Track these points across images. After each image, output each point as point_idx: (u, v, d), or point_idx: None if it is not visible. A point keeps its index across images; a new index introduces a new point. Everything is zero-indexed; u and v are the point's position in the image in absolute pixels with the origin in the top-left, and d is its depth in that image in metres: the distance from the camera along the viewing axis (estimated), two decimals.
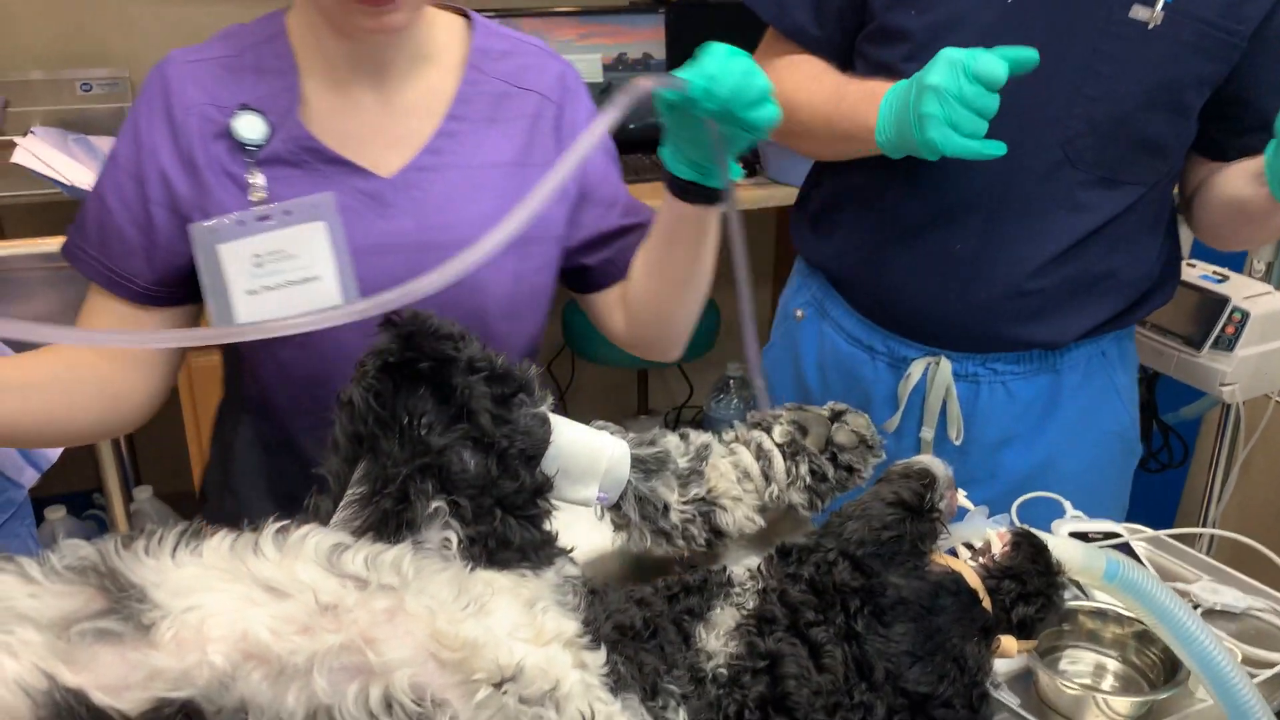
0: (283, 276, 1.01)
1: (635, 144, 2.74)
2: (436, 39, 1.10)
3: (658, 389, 3.26)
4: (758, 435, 0.93)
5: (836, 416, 0.95)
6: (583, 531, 0.86)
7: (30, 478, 1.85)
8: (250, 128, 1.02)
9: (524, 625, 0.65)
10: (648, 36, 2.72)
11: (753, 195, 2.59)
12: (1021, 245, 1.26)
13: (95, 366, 1.05)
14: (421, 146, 1.07)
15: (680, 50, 2.74)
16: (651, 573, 1.01)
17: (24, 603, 0.54)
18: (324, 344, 1.00)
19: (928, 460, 0.85)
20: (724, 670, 0.71)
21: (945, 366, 1.34)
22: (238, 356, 1.13)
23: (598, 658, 0.66)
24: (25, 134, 2.27)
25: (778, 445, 0.92)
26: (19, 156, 2.10)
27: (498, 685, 0.60)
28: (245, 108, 1.02)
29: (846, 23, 1.32)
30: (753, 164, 2.66)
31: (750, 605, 0.75)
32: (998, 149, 1.10)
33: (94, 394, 1.05)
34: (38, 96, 2.53)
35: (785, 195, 2.59)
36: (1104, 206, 1.25)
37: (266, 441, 1.13)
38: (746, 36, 3.00)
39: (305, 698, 0.55)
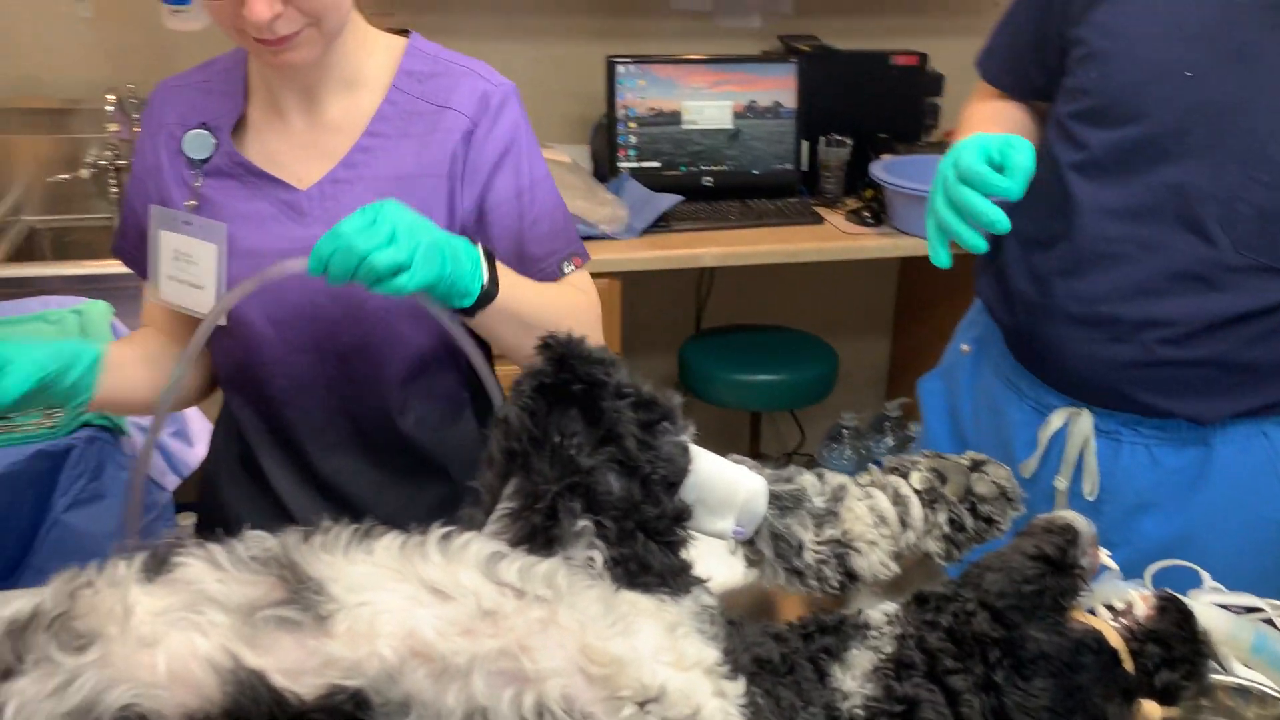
0: (184, 275, 1.18)
1: (758, 189, 2.77)
2: (367, 64, 1.20)
3: (769, 433, 3.25)
4: (895, 480, 0.93)
5: (976, 466, 0.94)
6: (711, 566, 0.87)
7: (172, 482, 1.95)
8: (196, 144, 1.19)
9: (666, 649, 0.66)
10: (779, 85, 2.75)
11: (876, 244, 2.58)
12: (1169, 317, 1.22)
13: (169, 348, 1.26)
14: (338, 160, 1.18)
15: (810, 98, 2.76)
16: (773, 613, 1.01)
17: (213, 587, 0.57)
18: (247, 337, 1.21)
19: (1070, 515, 0.84)
20: (860, 711, 0.71)
21: (1085, 419, 1.31)
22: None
23: (736, 687, 0.67)
24: None
25: (916, 492, 0.92)
26: None
27: (641, 704, 0.62)
28: (201, 126, 1.19)
29: (1049, 66, 1.35)
30: (877, 213, 2.65)
31: (887, 650, 0.75)
32: (939, 260, 1.15)
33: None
34: None
35: (911, 245, 2.57)
36: (1266, 292, 1.19)
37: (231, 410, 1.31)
38: (871, 87, 3.02)
39: (464, 698, 0.57)
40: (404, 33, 1.25)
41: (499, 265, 1.09)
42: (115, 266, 2.35)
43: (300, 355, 1.20)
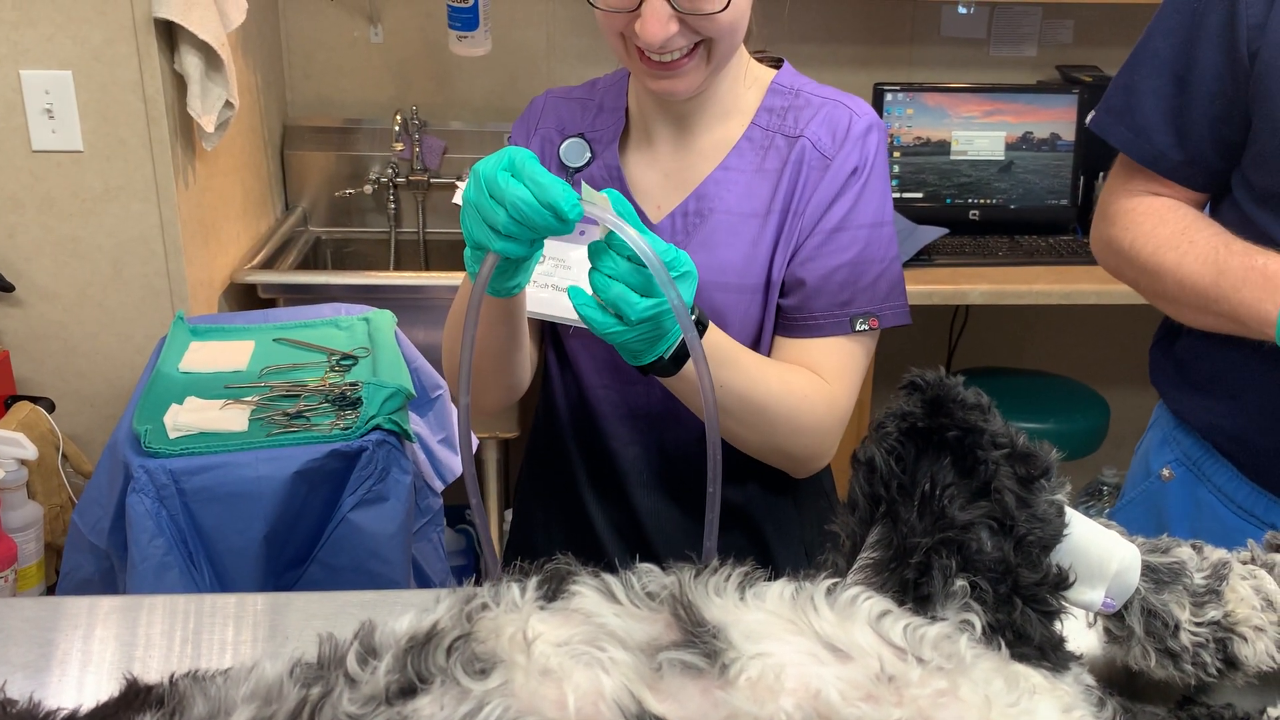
0: (549, 280, 1.13)
1: (1028, 225, 2.62)
2: (741, 97, 1.17)
3: None
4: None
5: None
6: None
7: (439, 488, 2.01)
8: (573, 152, 1.19)
9: None
10: (1057, 116, 2.60)
11: None
12: None
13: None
14: (691, 191, 1.15)
15: (1090, 132, 2.60)
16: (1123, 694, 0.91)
17: (612, 621, 0.55)
18: (579, 370, 1.21)
19: None
20: None
21: None
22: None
23: None
24: (459, 178, 2.52)
25: None
26: (459, 198, 2.32)
27: None
28: (579, 136, 1.19)
29: (1224, 141, 1.13)
30: None
31: None
32: None
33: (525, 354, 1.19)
34: (469, 145, 2.80)
35: None
36: None
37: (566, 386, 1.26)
38: None
39: None
40: (778, 62, 1.22)
41: (718, 340, 1.02)
42: (393, 278, 2.47)
43: (627, 387, 1.19)
